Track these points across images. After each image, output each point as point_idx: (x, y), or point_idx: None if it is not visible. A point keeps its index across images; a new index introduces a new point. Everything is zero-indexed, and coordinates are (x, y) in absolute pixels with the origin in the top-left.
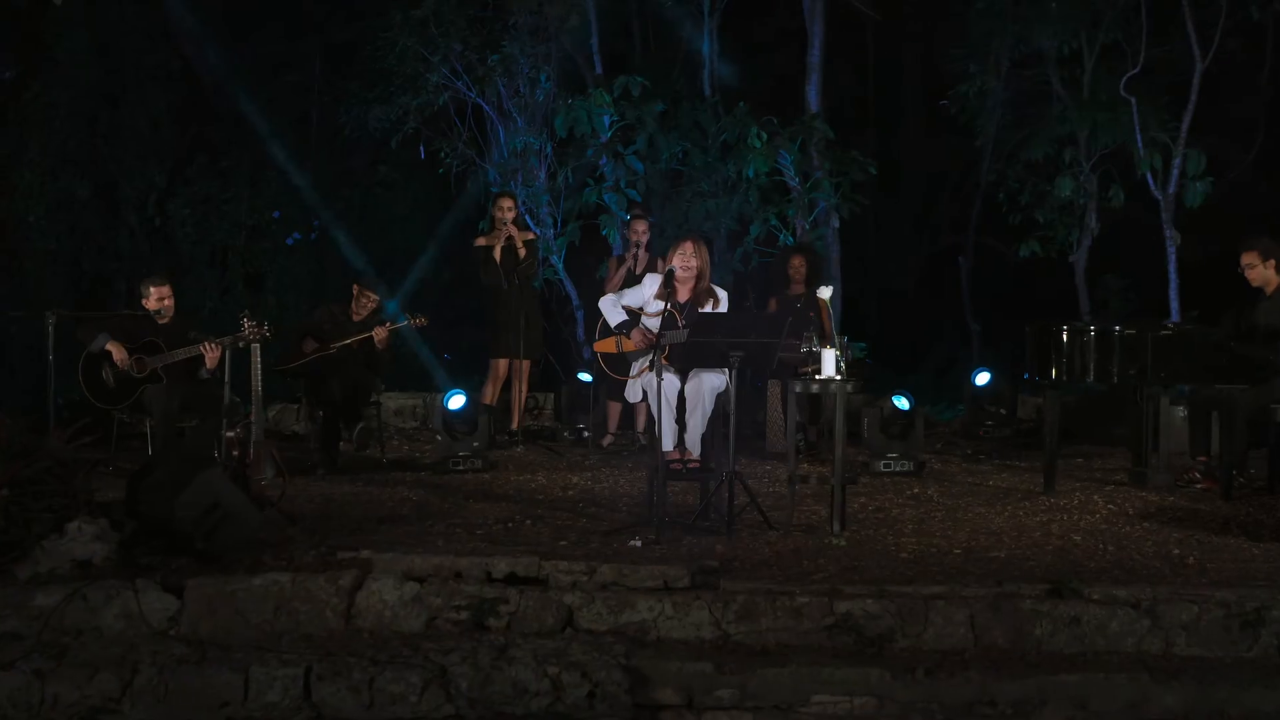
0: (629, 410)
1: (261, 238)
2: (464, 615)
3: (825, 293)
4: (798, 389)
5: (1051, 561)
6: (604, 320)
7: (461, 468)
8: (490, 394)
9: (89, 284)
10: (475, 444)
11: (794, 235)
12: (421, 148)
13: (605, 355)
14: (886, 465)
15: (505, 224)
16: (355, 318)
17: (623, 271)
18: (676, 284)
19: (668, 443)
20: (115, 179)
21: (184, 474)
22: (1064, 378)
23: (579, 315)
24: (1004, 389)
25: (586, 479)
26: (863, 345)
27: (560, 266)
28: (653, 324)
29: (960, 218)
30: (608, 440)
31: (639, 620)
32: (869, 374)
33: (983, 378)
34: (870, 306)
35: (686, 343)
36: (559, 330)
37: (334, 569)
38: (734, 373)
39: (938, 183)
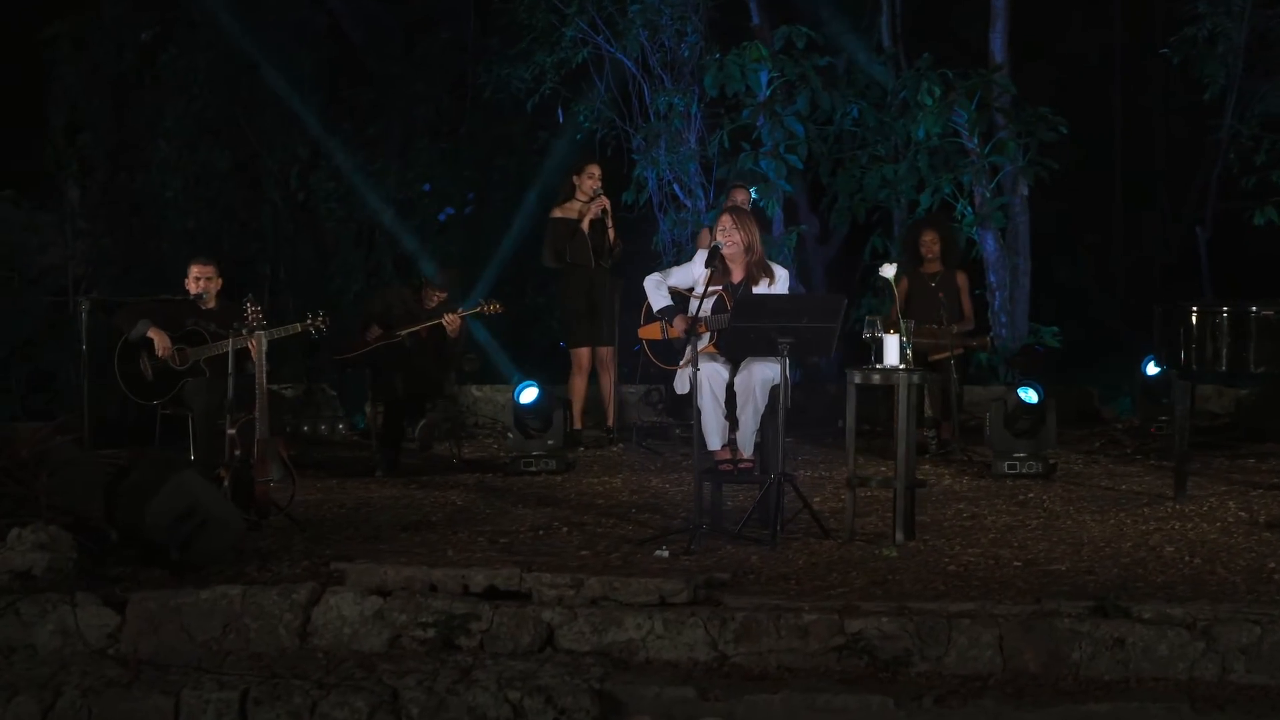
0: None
1: (411, 214)
2: (430, 633)
3: (889, 271)
4: (857, 379)
5: (1117, 575)
6: (648, 304)
7: (534, 469)
8: (580, 388)
9: (231, 268)
10: (550, 442)
11: (973, 205)
12: (560, 110)
13: (651, 343)
14: (1011, 467)
15: (599, 195)
16: (426, 305)
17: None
18: (728, 262)
19: (714, 441)
20: (256, 150)
21: (157, 477)
22: (1193, 366)
23: None
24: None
25: (667, 482)
26: (1055, 329)
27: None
28: (702, 306)
29: (1180, 182)
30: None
31: (625, 639)
32: (1037, 363)
33: (1155, 367)
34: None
35: (729, 328)
36: None
37: (288, 582)
38: (787, 362)
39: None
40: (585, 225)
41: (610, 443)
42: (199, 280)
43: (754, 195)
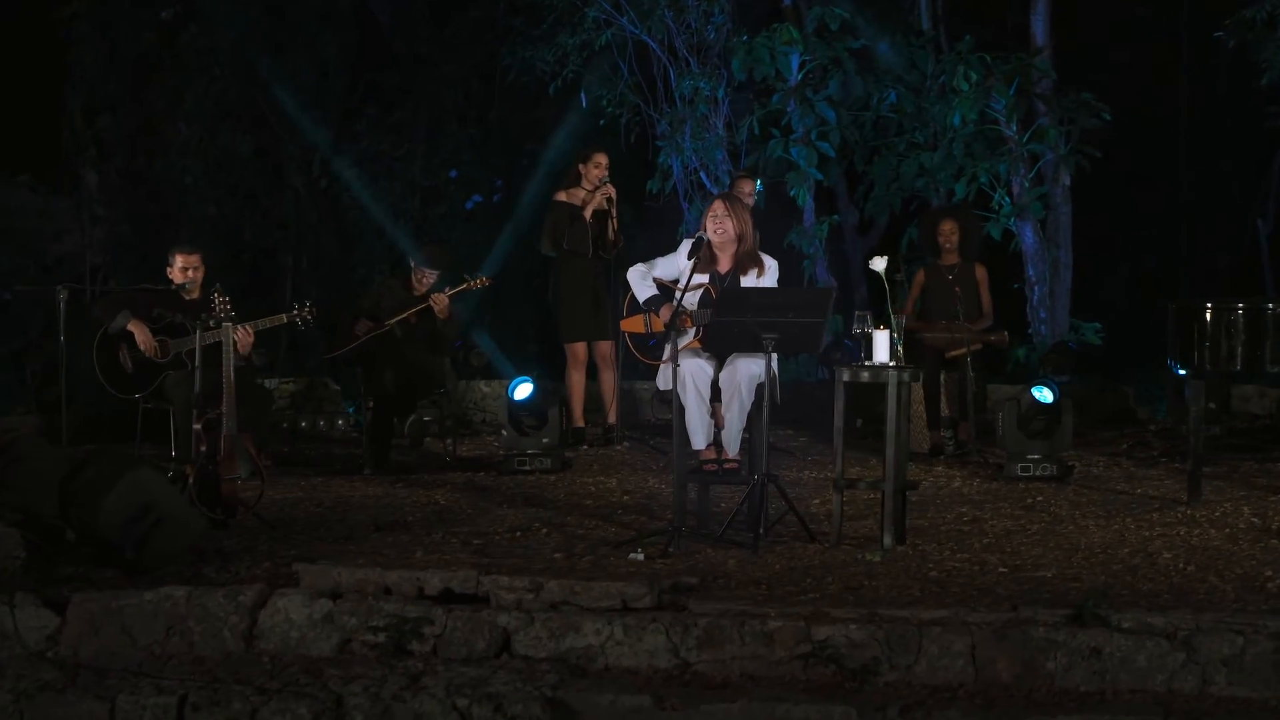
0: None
1: (437, 201)
2: (381, 638)
3: (878, 264)
4: (845, 377)
5: (1104, 582)
6: (631, 295)
7: (527, 468)
8: (578, 384)
9: (253, 256)
10: (545, 440)
11: (1010, 196)
12: (583, 94)
13: (634, 336)
14: (1024, 469)
15: (606, 183)
16: (416, 291)
17: None
18: (716, 251)
19: (698, 440)
20: (278, 135)
21: (112, 473)
22: (1207, 366)
23: None
24: (1217, 380)
25: (664, 483)
26: (1097, 325)
27: None
28: (687, 299)
29: (1236, 171)
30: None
31: (584, 646)
32: (1069, 360)
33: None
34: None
35: (711, 322)
36: None
37: (244, 583)
38: (775, 358)
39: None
40: (588, 214)
41: (611, 441)
42: (184, 270)
43: (759, 188)
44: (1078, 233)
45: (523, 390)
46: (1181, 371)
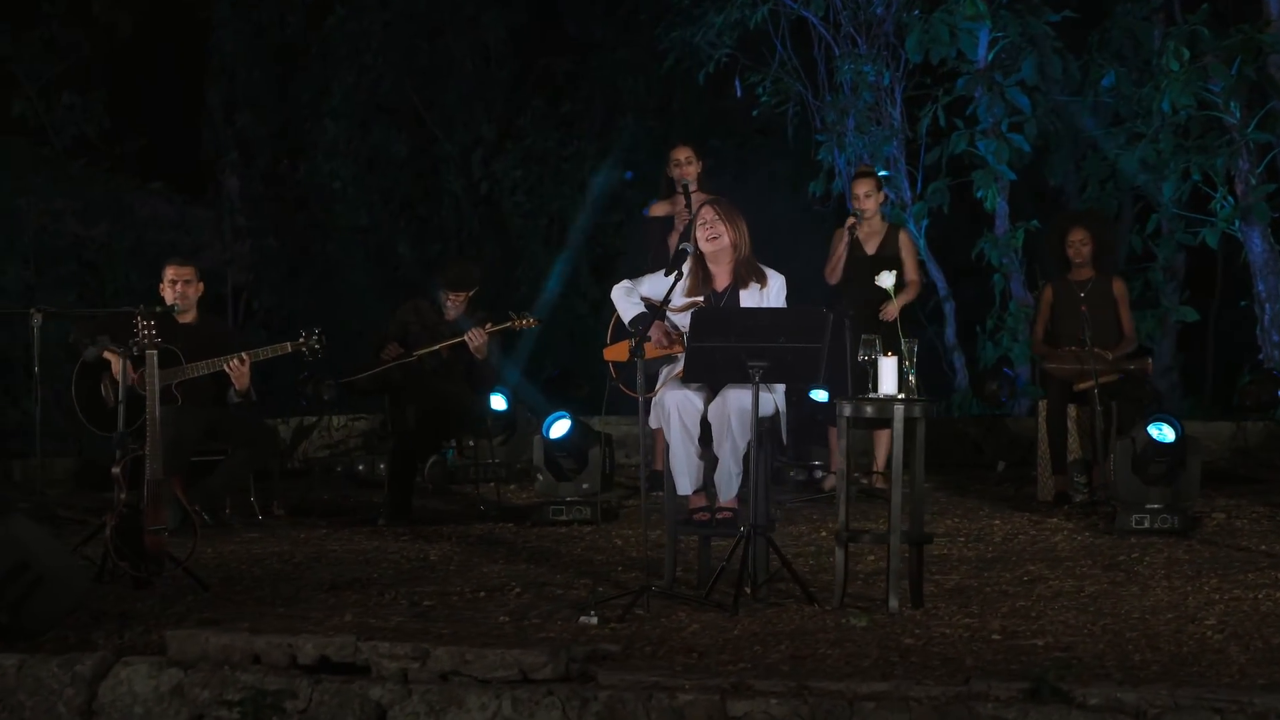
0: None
1: (612, 207)
2: (236, 714)
3: (886, 280)
4: (847, 412)
5: (1102, 651)
6: (617, 317)
7: (564, 517)
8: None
9: (409, 270)
10: (585, 485)
11: (1233, 195)
12: (737, 81)
13: (619, 366)
14: (1139, 521)
15: (692, 186)
16: (446, 315)
17: (843, 248)
18: (710, 265)
19: (683, 484)
20: (433, 132)
21: None
22: None
23: (948, 309)
24: None
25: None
26: None
27: (922, 243)
28: (680, 319)
29: None
30: (829, 482)
31: None
32: (1271, 390)
33: None
34: None
35: (688, 348)
36: None
37: (73, 651)
38: (781, 389)
39: None
40: (680, 223)
41: None
42: (174, 285)
43: (885, 173)
44: None
45: (559, 427)
46: None
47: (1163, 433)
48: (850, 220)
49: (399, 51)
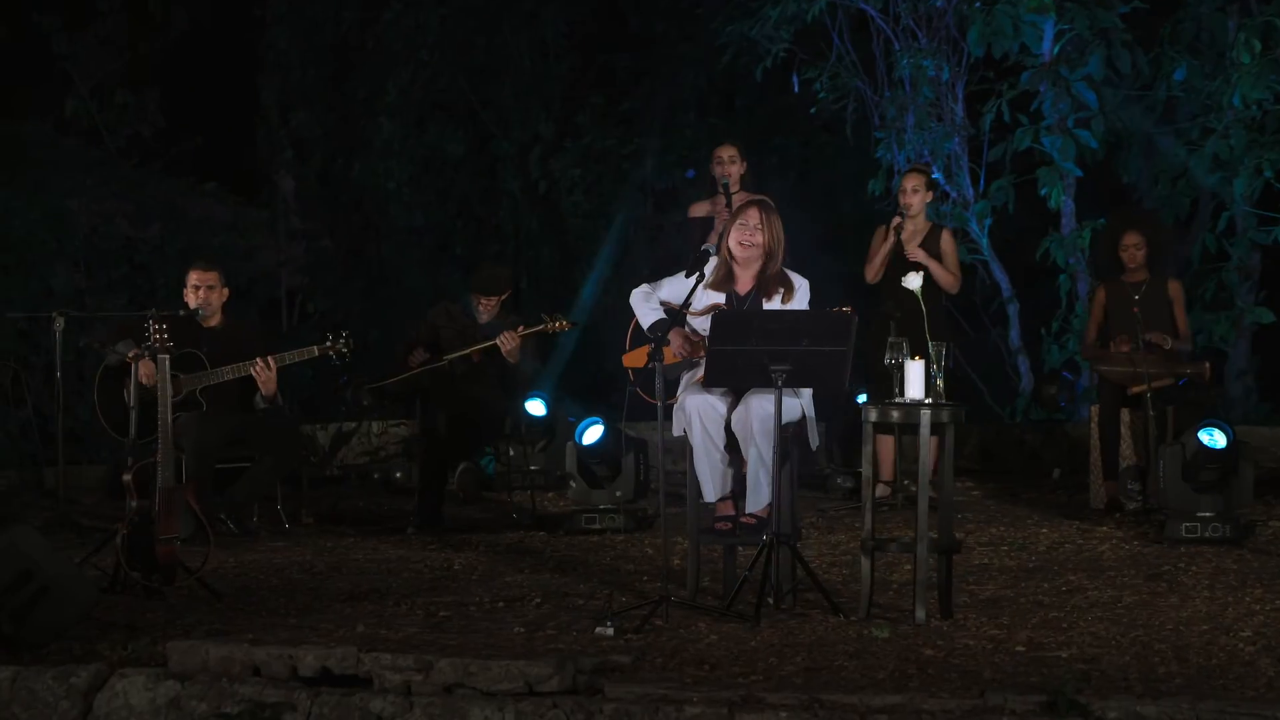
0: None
1: (672, 206)
2: None
3: (913, 282)
4: (873, 417)
5: (1127, 663)
6: (635, 324)
7: (597, 526)
8: None
9: (464, 274)
10: (618, 493)
11: None
12: (794, 76)
13: (638, 373)
14: (1190, 530)
15: (733, 186)
16: (479, 320)
17: (886, 248)
18: (735, 269)
19: (708, 491)
20: (490, 130)
21: None
22: None
23: (1011, 311)
24: None
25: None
26: None
27: (984, 243)
28: (700, 324)
29: None
30: (881, 490)
31: None
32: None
33: None
34: None
35: (708, 351)
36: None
37: (76, 662)
38: (810, 394)
39: None
40: (719, 226)
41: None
42: (198, 290)
43: (937, 175)
44: None
45: (592, 433)
46: None
47: (1214, 438)
48: (896, 220)
49: (455, 48)
